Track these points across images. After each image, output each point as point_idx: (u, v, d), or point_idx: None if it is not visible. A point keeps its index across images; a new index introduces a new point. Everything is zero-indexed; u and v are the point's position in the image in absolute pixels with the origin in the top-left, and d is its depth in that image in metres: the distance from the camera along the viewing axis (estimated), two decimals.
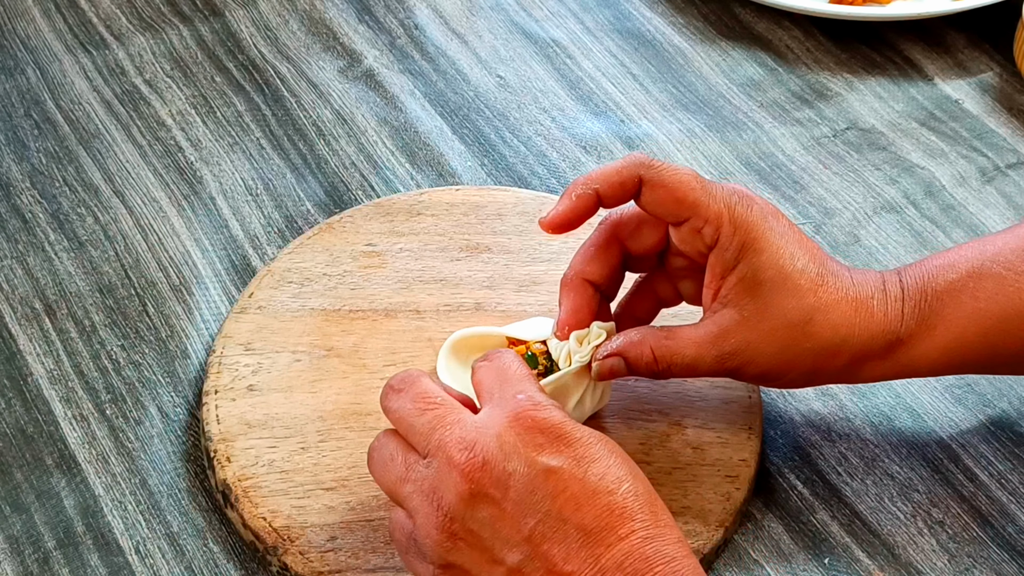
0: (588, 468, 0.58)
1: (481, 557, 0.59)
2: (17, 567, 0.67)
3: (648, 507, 0.58)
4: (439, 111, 0.92)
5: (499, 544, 0.58)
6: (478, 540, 0.59)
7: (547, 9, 1.00)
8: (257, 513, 0.67)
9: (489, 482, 0.58)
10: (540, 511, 0.58)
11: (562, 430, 0.59)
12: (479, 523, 0.58)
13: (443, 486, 0.59)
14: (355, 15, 0.99)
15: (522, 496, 0.58)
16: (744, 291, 0.65)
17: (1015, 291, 0.65)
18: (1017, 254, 0.66)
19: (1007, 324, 0.65)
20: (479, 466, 0.58)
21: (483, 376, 0.63)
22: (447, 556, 0.59)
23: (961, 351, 0.66)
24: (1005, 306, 0.65)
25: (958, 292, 0.66)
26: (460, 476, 0.58)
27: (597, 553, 0.57)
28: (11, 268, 0.81)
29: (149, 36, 0.96)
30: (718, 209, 0.65)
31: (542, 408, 0.60)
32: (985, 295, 0.65)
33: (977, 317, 0.65)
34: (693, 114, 0.93)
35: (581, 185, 0.66)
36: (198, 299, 0.79)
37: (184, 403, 0.74)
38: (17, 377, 0.75)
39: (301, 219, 0.84)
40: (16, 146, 0.88)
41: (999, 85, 0.95)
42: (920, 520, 0.70)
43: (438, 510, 0.59)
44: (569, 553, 0.57)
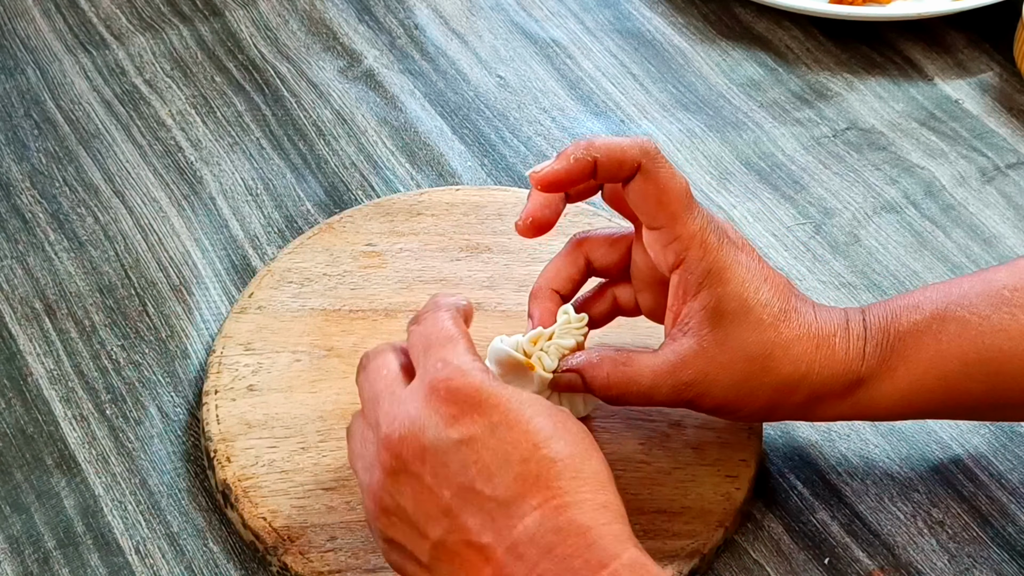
0: (502, 435, 0.58)
1: (411, 532, 0.59)
2: (17, 567, 0.67)
3: (568, 472, 0.57)
4: (439, 111, 0.92)
5: (422, 518, 0.58)
6: (405, 515, 0.59)
7: (547, 9, 1.00)
8: (257, 513, 0.67)
9: (409, 456, 0.58)
10: (455, 483, 0.57)
11: (478, 397, 0.58)
12: (404, 497, 0.59)
13: (375, 462, 0.60)
14: (355, 15, 0.99)
15: (438, 469, 0.58)
16: (705, 320, 0.64)
17: (978, 335, 0.64)
18: (982, 298, 0.65)
19: (968, 368, 0.65)
20: (397, 440, 0.59)
21: (414, 341, 0.63)
22: (385, 531, 0.60)
23: (922, 394, 0.65)
24: (967, 350, 0.65)
25: (921, 334, 0.65)
26: (385, 451, 0.59)
27: (511, 524, 0.56)
28: (11, 268, 0.81)
29: (149, 36, 0.96)
30: (692, 230, 0.64)
31: (458, 375, 0.59)
32: (947, 338, 0.65)
33: (939, 360, 0.65)
34: (693, 114, 0.93)
35: (583, 149, 0.64)
36: (198, 299, 0.79)
37: (184, 403, 0.74)
38: (17, 377, 0.75)
39: (301, 219, 0.84)
40: (16, 146, 0.88)
41: (999, 85, 0.95)
42: (920, 520, 0.70)
43: (371, 487, 0.60)
44: (484, 525, 0.57)
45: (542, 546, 0.56)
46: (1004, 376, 0.65)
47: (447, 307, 0.63)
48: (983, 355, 0.65)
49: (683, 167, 0.88)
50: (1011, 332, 0.64)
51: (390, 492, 0.59)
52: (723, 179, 0.88)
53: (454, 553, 0.57)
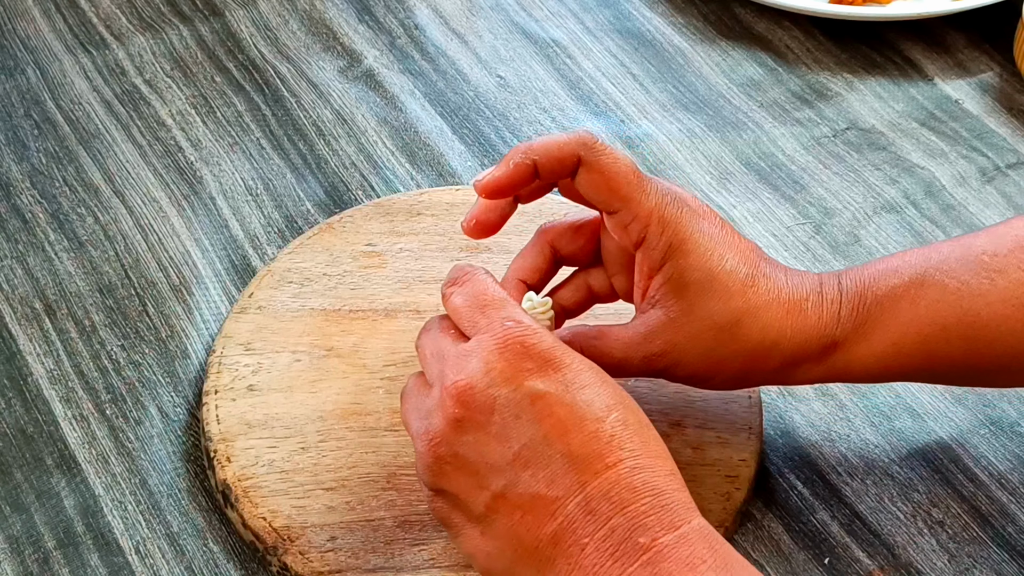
0: (577, 394, 0.58)
1: (468, 482, 0.59)
2: (17, 567, 0.67)
3: (638, 436, 0.58)
4: (439, 111, 0.92)
5: (484, 469, 0.58)
6: (464, 464, 0.59)
7: (547, 9, 1.00)
8: (257, 513, 0.67)
9: (475, 406, 0.58)
10: (525, 436, 0.57)
11: (552, 355, 0.59)
12: (465, 447, 0.58)
13: (435, 412, 0.60)
14: (355, 15, 0.99)
15: (507, 420, 0.58)
16: (670, 292, 0.64)
17: (956, 300, 0.64)
18: (961, 263, 0.65)
19: (947, 332, 0.64)
20: (465, 389, 0.59)
21: (459, 303, 0.63)
22: (437, 481, 0.60)
23: (899, 357, 0.65)
24: (945, 315, 0.64)
25: (898, 298, 0.65)
26: (449, 400, 0.59)
27: (584, 480, 0.57)
28: (11, 268, 0.81)
29: (149, 36, 0.96)
30: (648, 207, 0.64)
31: (531, 333, 0.59)
32: (926, 302, 0.65)
33: (916, 324, 0.65)
34: (693, 114, 0.93)
35: (521, 153, 0.65)
36: (198, 299, 0.79)
37: (184, 403, 0.74)
38: (17, 377, 0.75)
39: (301, 219, 0.84)
40: (16, 146, 0.88)
41: (999, 85, 0.95)
42: (920, 520, 0.70)
43: (427, 434, 0.60)
44: (554, 478, 0.57)
45: (616, 502, 0.56)
46: (982, 341, 0.64)
47: (481, 270, 0.64)
48: (962, 319, 0.64)
49: (683, 167, 0.88)
50: (990, 297, 0.64)
51: (450, 442, 0.59)
52: (723, 179, 0.88)
53: (515, 506, 0.57)
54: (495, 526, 0.58)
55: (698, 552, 0.55)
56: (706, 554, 0.55)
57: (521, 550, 0.57)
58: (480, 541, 0.59)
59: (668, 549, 0.55)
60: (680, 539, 0.55)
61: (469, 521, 0.59)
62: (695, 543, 0.55)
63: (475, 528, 0.59)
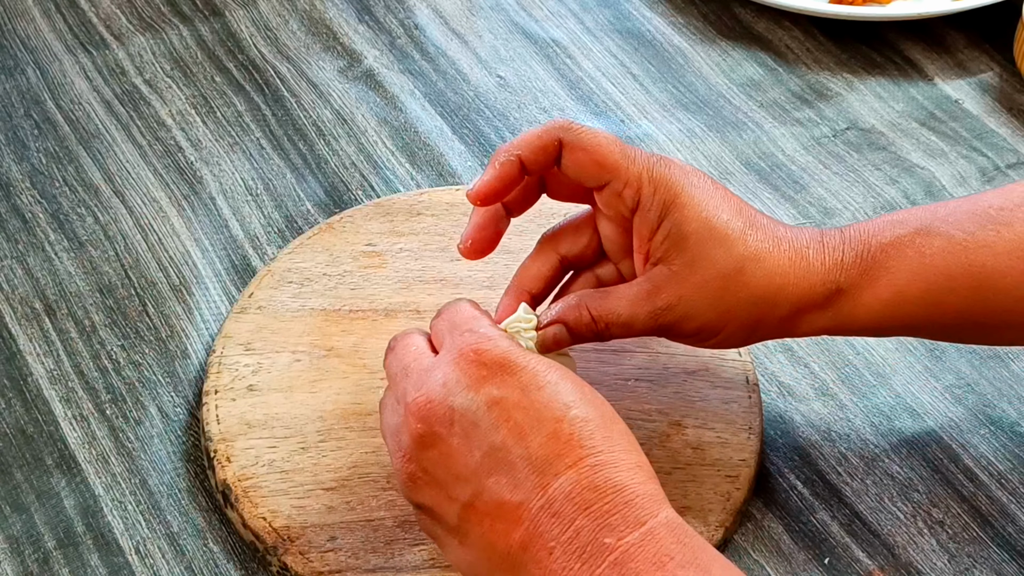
0: (533, 395, 0.58)
1: (439, 495, 0.59)
2: (17, 567, 0.67)
3: (600, 432, 0.58)
4: (439, 111, 0.92)
5: (451, 481, 0.58)
6: (433, 479, 0.59)
7: (547, 9, 1.00)
8: (257, 513, 0.67)
9: (435, 420, 0.58)
10: (486, 443, 0.57)
11: (506, 360, 0.59)
12: (431, 462, 0.59)
13: (402, 429, 0.60)
14: (355, 15, 0.99)
15: (467, 430, 0.58)
16: (672, 247, 0.64)
17: (963, 250, 0.64)
18: (968, 216, 0.65)
19: (952, 283, 0.64)
20: (424, 404, 0.59)
21: (437, 327, 0.63)
22: (413, 497, 0.60)
23: (904, 306, 0.65)
24: (951, 264, 0.64)
25: (904, 246, 0.65)
26: (411, 417, 0.59)
27: (545, 482, 0.56)
28: (11, 268, 0.81)
29: (149, 36, 0.96)
30: (637, 171, 0.65)
31: (486, 341, 0.60)
32: (932, 251, 0.64)
33: (922, 272, 0.64)
34: (693, 114, 0.93)
35: (504, 153, 0.65)
36: (198, 299, 0.79)
37: (184, 403, 0.74)
38: (17, 377, 0.75)
39: (301, 219, 0.84)
40: (16, 146, 0.88)
41: (999, 85, 0.95)
42: (920, 520, 0.70)
43: (399, 451, 0.60)
44: (517, 483, 0.57)
45: (578, 503, 0.56)
46: (987, 291, 0.64)
47: (466, 300, 0.65)
48: (968, 270, 0.64)
49: None
50: (996, 248, 0.64)
51: (417, 458, 0.59)
52: (723, 179, 0.88)
53: (483, 514, 0.57)
54: (469, 536, 0.58)
55: (665, 548, 0.55)
56: (674, 549, 0.55)
57: (496, 558, 0.57)
58: (460, 552, 0.59)
59: (634, 548, 0.55)
60: (646, 536, 0.55)
61: (448, 533, 0.60)
62: (662, 539, 0.55)
63: (454, 539, 0.59)
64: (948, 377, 0.76)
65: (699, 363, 0.74)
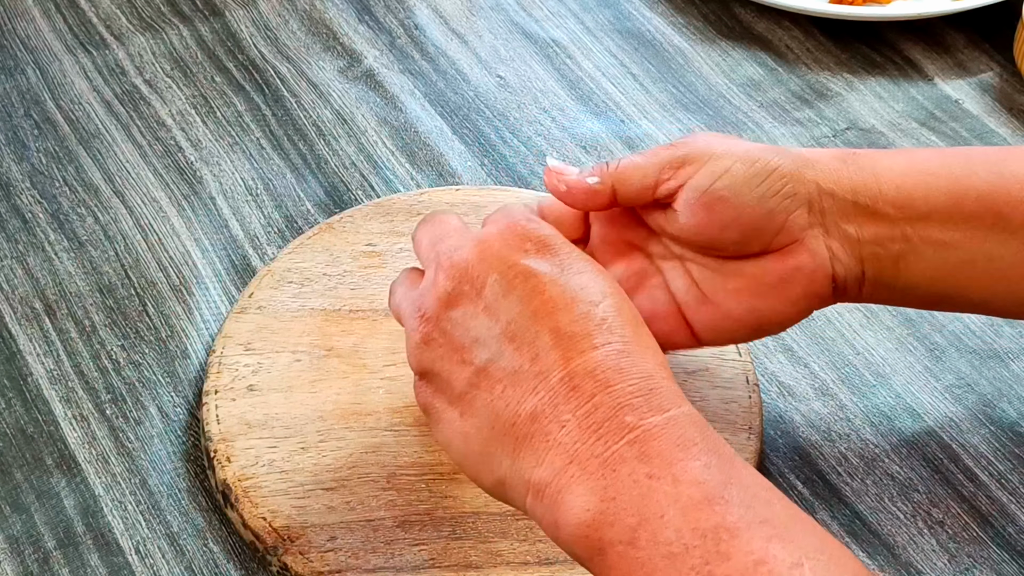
0: (571, 277, 0.57)
1: (451, 358, 0.58)
2: (17, 567, 0.67)
3: (631, 326, 0.57)
4: (439, 111, 0.92)
5: (469, 343, 0.57)
6: (449, 340, 0.58)
7: (547, 9, 1.00)
8: (257, 513, 0.67)
9: (467, 279, 0.58)
10: (514, 311, 0.57)
11: (552, 241, 0.59)
12: (452, 322, 0.58)
13: (427, 291, 0.59)
14: (355, 15, 0.99)
15: (497, 296, 0.57)
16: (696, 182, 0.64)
17: (983, 156, 0.66)
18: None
19: (971, 164, 0.64)
20: (459, 263, 0.58)
21: (489, 217, 0.63)
22: (423, 361, 0.59)
23: (926, 176, 0.64)
24: (971, 153, 0.66)
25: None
26: (442, 274, 0.59)
27: (569, 356, 0.55)
28: (11, 268, 0.81)
29: (149, 36, 0.96)
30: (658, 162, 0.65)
31: (536, 223, 0.60)
32: (947, 152, 0.66)
33: (939, 155, 0.66)
34: (693, 114, 0.93)
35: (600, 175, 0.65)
36: (198, 299, 0.79)
37: (184, 403, 0.74)
38: (17, 377, 0.75)
39: (301, 219, 0.84)
40: (16, 146, 0.88)
41: (999, 85, 0.95)
42: (920, 520, 0.70)
43: (418, 311, 0.59)
44: (539, 354, 0.56)
45: (600, 381, 0.54)
46: (1010, 187, 0.64)
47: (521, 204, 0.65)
48: (989, 156, 0.65)
49: None
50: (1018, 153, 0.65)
51: (438, 318, 0.58)
52: None
53: (496, 380, 0.56)
54: (474, 403, 0.57)
55: (688, 434, 0.53)
56: (697, 437, 0.53)
57: (498, 427, 0.56)
58: (458, 423, 0.58)
59: (657, 429, 0.53)
60: (669, 421, 0.53)
61: (450, 404, 0.58)
62: (685, 426, 0.54)
63: (455, 410, 0.58)
64: (948, 377, 0.76)
65: (699, 363, 0.74)
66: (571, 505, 0.53)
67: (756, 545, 0.49)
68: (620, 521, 0.52)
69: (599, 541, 0.52)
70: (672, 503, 0.51)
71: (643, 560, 0.51)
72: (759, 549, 0.49)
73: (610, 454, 0.53)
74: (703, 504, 0.51)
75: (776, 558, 0.49)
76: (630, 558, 0.51)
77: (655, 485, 0.52)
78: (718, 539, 0.50)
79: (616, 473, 0.52)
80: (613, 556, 0.52)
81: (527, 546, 0.66)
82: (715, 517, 0.50)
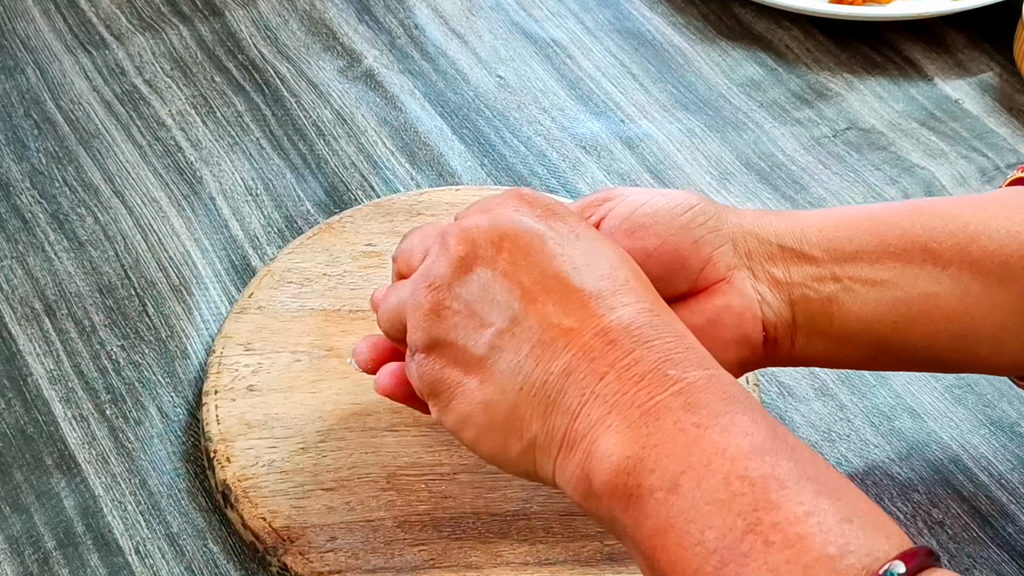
0: (588, 242, 0.56)
1: (468, 324, 0.56)
2: (17, 567, 0.67)
3: (651, 290, 0.56)
4: (439, 111, 0.92)
5: (488, 306, 0.55)
6: (465, 305, 0.56)
7: (547, 9, 1.00)
8: (257, 513, 0.67)
9: (480, 243, 0.56)
10: (535, 270, 0.55)
11: (558, 208, 0.58)
12: (467, 286, 0.56)
13: (436, 264, 0.57)
14: (355, 15, 0.99)
15: (517, 257, 0.55)
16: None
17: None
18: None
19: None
20: (471, 227, 0.57)
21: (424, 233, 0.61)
22: (431, 332, 0.57)
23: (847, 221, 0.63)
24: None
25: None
26: (452, 240, 0.57)
27: (599, 313, 0.54)
28: (11, 268, 0.81)
29: (149, 36, 0.96)
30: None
31: (540, 193, 0.59)
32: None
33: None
34: (693, 114, 0.93)
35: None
36: (198, 299, 0.79)
37: (184, 403, 0.74)
38: (17, 377, 0.75)
39: (301, 219, 0.84)
40: (16, 146, 0.88)
41: (999, 85, 0.95)
42: (920, 520, 0.70)
43: (425, 284, 0.57)
44: (569, 311, 0.54)
45: (637, 337, 0.53)
46: (930, 213, 0.62)
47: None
48: (909, 201, 0.63)
49: (683, 167, 0.88)
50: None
51: (450, 285, 0.56)
52: (723, 179, 0.88)
53: (523, 340, 0.54)
54: (497, 365, 0.55)
55: (732, 391, 0.52)
56: (740, 395, 0.52)
57: (527, 387, 0.54)
58: (478, 392, 0.55)
59: (702, 382, 0.52)
60: (711, 378, 0.52)
61: (467, 373, 0.56)
62: (728, 383, 0.53)
63: (473, 378, 0.56)
64: (948, 377, 0.76)
65: None
66: (608, 451, 0.52)
67: (806, 497, 0.48)
68: (662, 468, 0.50)
69: (637, 488, 0.51)
70: (720, 452, 0.50)
71: (685, 507, 0.49)
72: (808, 501, 0.48)
73: (653, 403, 0.52)
74: (752, 454, 0.50)
75: (826, 511, 0.48)
76: (670, 504, 0.50)
77: (702, 434, 0.50)
78: (767, 488, 0.49)
79: (660, 421, 0.51)
80: (651, 503, 0.50)
81: (527, 546, 0.66)
82: (764, 467, 0.49)
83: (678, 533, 0.49)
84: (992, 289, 0.61)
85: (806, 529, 0.48)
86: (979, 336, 0.62)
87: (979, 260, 0.61)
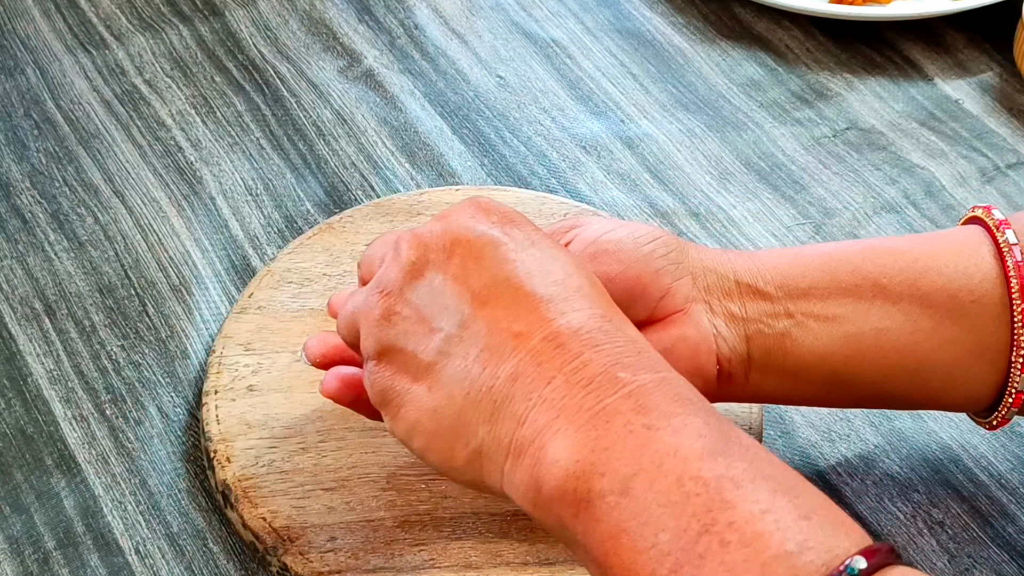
0: (543, 249, 0.56)
1: (418, 329, 0.55)
2: (17, 567, 0.67)
3: (604, 298, 0.55)
4: (439, 111, 0.92)
5: (438, 311, 0.55)
6: (415, 311, 0.56)
7: (547, 9, 1.00)
8: (257, 513, 0.67)
9: (433, 248, 0.56)
10: (486, 276, 0.55)
11: (515, 216, 0.57)
12: (417, 292, 0.56)
13: (388, 270, 0.57)
14: (355, 15, 0.99)
15: (467, 262, 0.55)
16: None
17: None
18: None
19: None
20: (423, 233, 0.57)
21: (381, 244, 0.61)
22: (381, 338, 0.56)
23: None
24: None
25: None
26: (405, 245, 0.57)
27: (548, 318, 0.53)
28: (11, 268, 0.81)
29: (149, 36, 0.96)
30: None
31: (496, 201, 0.58)
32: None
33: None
34: (693, 114, 0.93)
35: None
36: (198, 299, 0.79)
37: (184, 403, 0.74)
38: (17, 377, 0.75)
39: (301, 219, 0.84)
40: (16, 146, 0.88)
41: (999, 85, 0.95)
42: (920, 520, 0.70)
43: (377, 290, 0.57)
44: (517, 315, 0.54)
45: (587, 341, 0.53)
46: (880, 250, 0.63)
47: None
48: (859, 240, 0.64)
49: (683, 167, 0.88)
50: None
51: (401, 291, 0.56)
52: (723, 179, 0.88)
53: (471, 344, 0.54)
54: (445, 371, 0.54)
55: (684, 393, 0.52)
56: (692, 397, 0.52)
57: (473, 393, 0.54)
58: (426, 399, 0.55)
59: (652, 385, 0.51)
60: (663, 380, 0.52)
61: (415, 380, 0.55)
62: (680, 386, 0.52)
63: (421, 385, 0.55)
64: None
65: None
66: (556, 457, 0.51)
67: (762, 495, 0.48)
68: (613, 470, 0.50)
69: (587, 493, 0.50)
70: (672, 453, 0.49)
71: (637, 510, 0.49)
72: (765, 499, 0.48)
73: (602, 407, 0.51)
74: (705, 455, 0.49)
75: (783, 509, 0.47)
76: (622, 508, 0.49)
77: (653, 435, 0.50)
78: (721, 488, 0.48)
79: (610, 424, 0.51)
80: (603, 507, 0.50)
81: (527, 546, 0.66)
82: (718, 467, 0.49)
83: (631, 537, 0.49)
84: (942, 324, 0.62)
85: (763, 527, 0.47)
86: (931, 370, 0.63)
87: (929, 295, 0.62)
